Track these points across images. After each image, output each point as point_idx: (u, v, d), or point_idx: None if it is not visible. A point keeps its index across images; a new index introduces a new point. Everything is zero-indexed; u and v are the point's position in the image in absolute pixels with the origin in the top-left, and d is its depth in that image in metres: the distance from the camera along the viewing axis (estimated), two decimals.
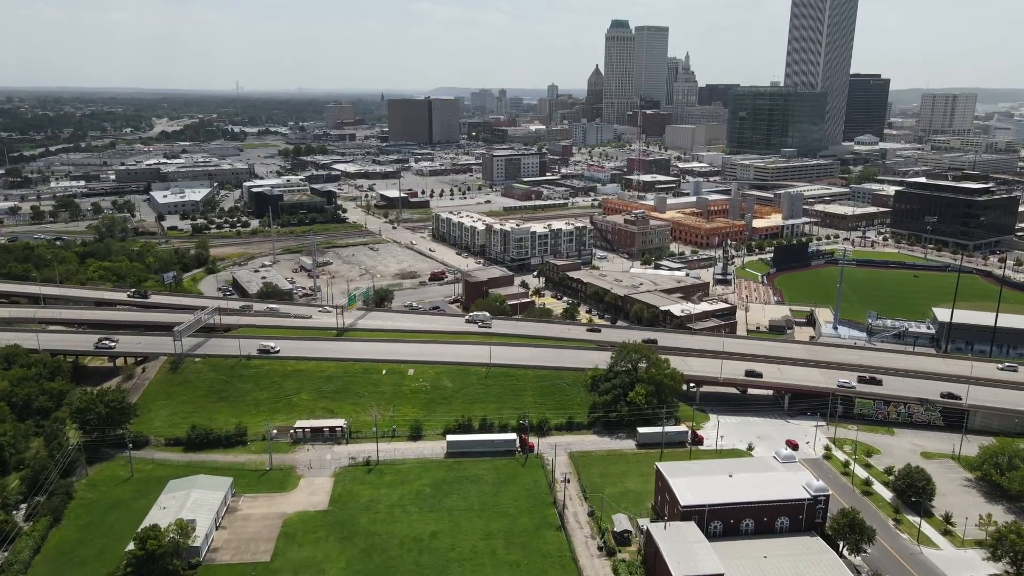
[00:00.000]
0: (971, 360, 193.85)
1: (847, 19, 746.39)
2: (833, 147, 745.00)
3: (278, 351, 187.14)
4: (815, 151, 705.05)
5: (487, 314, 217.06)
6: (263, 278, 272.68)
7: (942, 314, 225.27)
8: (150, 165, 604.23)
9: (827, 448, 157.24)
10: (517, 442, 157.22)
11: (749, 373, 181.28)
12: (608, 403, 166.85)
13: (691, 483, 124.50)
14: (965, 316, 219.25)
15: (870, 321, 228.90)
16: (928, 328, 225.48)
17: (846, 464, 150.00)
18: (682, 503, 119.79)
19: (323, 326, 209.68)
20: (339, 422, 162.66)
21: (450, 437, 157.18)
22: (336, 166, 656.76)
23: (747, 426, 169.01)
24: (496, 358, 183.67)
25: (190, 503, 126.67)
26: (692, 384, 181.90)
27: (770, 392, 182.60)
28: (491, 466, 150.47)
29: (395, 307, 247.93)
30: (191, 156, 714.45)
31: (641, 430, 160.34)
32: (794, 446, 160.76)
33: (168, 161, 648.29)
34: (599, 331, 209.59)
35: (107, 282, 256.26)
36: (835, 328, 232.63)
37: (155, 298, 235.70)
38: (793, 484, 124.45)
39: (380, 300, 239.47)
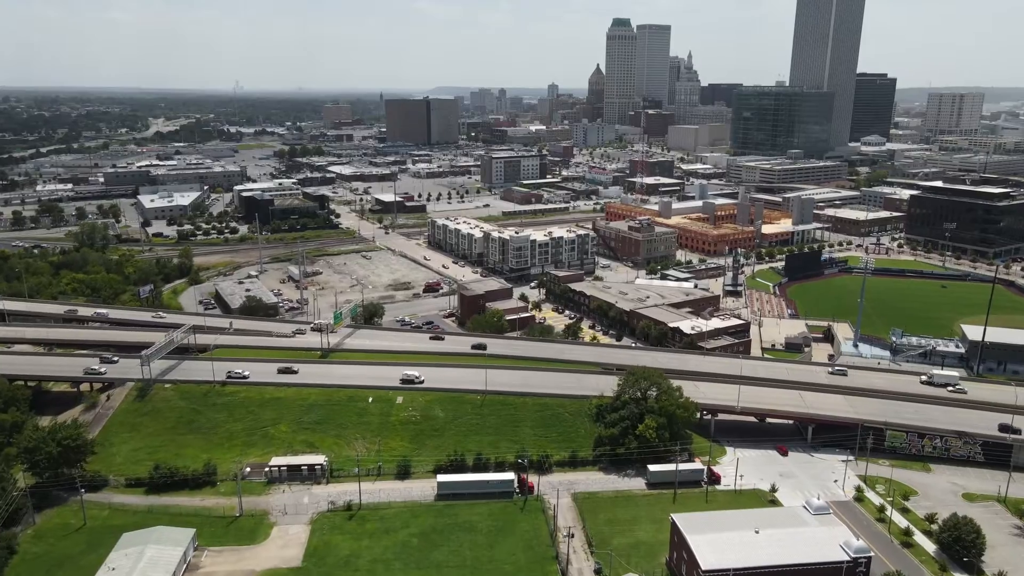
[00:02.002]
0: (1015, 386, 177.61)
1: (854, 17, 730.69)
2: (840, 148, 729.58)
3: (422, 381, 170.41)
4: (821, 152, 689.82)
5: (328, 322, 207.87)
6: (247, 291, 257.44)
7: (971, 331, 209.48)
8: (141, 167, 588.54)
9: (858, 489, 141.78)
10: (515, 482, 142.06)
11: (1004, 428, 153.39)
12: (615, 436, 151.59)
13: (712, 541, 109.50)
14: (998, 334, 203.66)
15: (894, 339, 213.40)
16: (957, 347, 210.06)
17: (881, 509, 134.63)
18: (703, 566, 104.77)
19: (306, 346, 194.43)
20: (319, 459, 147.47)
21: (441, 477, 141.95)
22: (332, 168, 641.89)
23: (768, 462, 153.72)
24: (493, 384, 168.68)
25: (144, 563, 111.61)
26: (706, 413, 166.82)
27: (790, 421, 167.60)
28: (486, 511, 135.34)
29: (386, 322, 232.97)
30: (184, 157, 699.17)
31: (652, 468, 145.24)
32: (783, 452, 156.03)
33: (160, 163, 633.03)
34: (443, 339, 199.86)
35: (80, 296, 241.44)
36: (855, 346, 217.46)
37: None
38: (829, 543, 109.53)
39: (369, 316, 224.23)
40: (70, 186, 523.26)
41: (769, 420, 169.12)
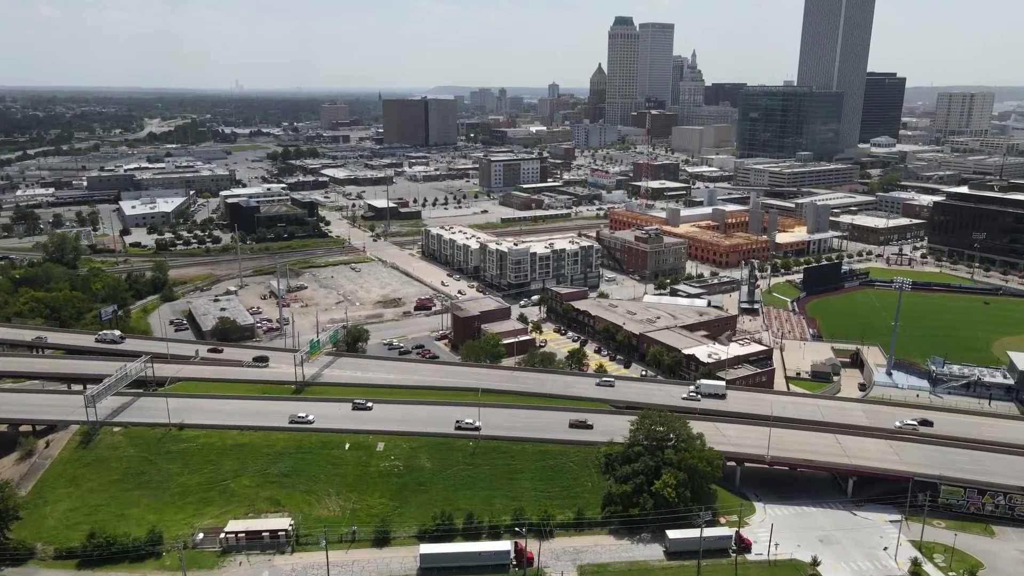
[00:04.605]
0: None
1: (864, 15, 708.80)
2: (849, 149, 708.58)
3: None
4: (831, 154, 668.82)
5: (117, 332, 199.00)
6: (222, 309, 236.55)
7: (1020, 359, 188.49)
8: (128, 170, 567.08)
9: (914, 561, 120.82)
10: (512, 553, 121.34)
11: None
12: (627, 494, 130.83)
13: None
14: None
15: (933, 367, 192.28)
16: (1005, 377, 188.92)
17: None
18: None
19: (279, 379, 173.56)
20: (283, 523, 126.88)
21: (424, 548, 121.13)
22: (325, 171, 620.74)
23: (804, 524, 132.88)
24: (488, 427, 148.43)
25: None
26: (730, 462, 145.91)
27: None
28: None
29: (371, 347, 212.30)
30: (175, 160, 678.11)
31: (672, 535, 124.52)
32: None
33: (148, 166, 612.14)
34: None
35: (39, 316, 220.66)
36: (889, 374, 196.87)
37: None
38: None
39: (353, 341, 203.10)
40: (52, 190, 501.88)
41: (800, 470, 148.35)
